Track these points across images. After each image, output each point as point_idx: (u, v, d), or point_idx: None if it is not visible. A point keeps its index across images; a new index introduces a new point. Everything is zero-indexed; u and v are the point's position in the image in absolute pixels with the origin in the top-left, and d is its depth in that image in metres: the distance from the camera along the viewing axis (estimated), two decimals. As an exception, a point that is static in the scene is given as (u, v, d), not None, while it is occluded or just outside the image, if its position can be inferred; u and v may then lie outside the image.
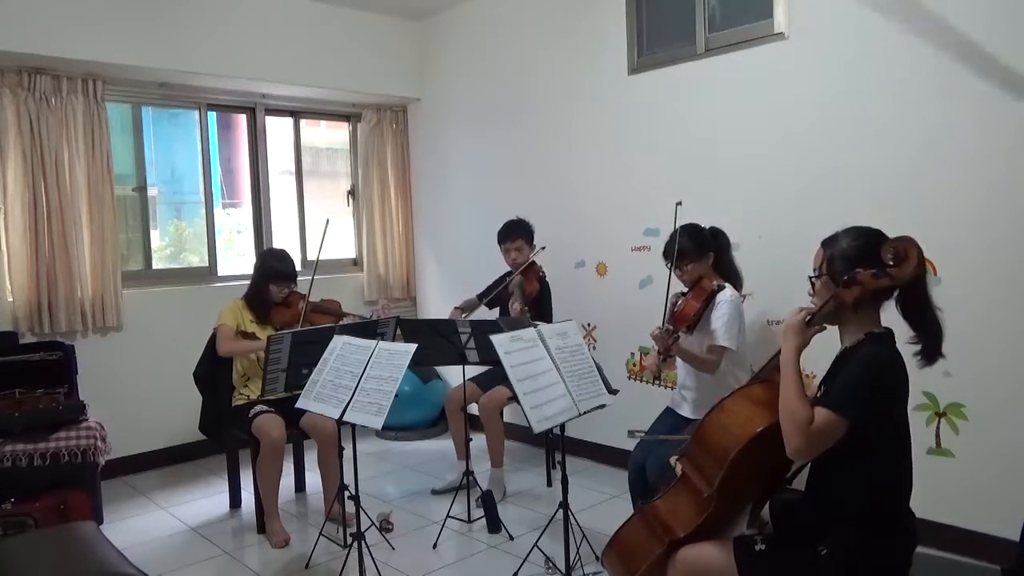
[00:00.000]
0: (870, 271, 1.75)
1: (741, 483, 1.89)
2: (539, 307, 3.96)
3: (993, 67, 2.83)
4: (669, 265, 3.04)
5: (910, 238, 1.74)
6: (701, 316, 2.89)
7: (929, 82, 2.99)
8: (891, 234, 1.81)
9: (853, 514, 1.78)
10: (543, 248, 4.00)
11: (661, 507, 2.01)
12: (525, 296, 3.90)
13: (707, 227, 3.13)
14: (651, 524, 2.01)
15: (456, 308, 4.20)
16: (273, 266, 3.64)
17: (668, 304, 2.94)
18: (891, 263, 1.74)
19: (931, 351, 1.82)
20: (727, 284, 3.01)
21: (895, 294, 1.83)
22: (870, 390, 1.72)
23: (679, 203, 2.96)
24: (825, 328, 1.89)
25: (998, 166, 2.84)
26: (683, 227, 3.05)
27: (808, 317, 1.85)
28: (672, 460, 2.07)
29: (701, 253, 3.02)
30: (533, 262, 4.02)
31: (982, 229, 2.89)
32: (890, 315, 1.86)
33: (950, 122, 2.94)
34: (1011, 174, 2.81)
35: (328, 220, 3.88)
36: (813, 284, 1.94)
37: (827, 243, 1.92)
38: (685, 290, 3.00)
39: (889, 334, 1.83)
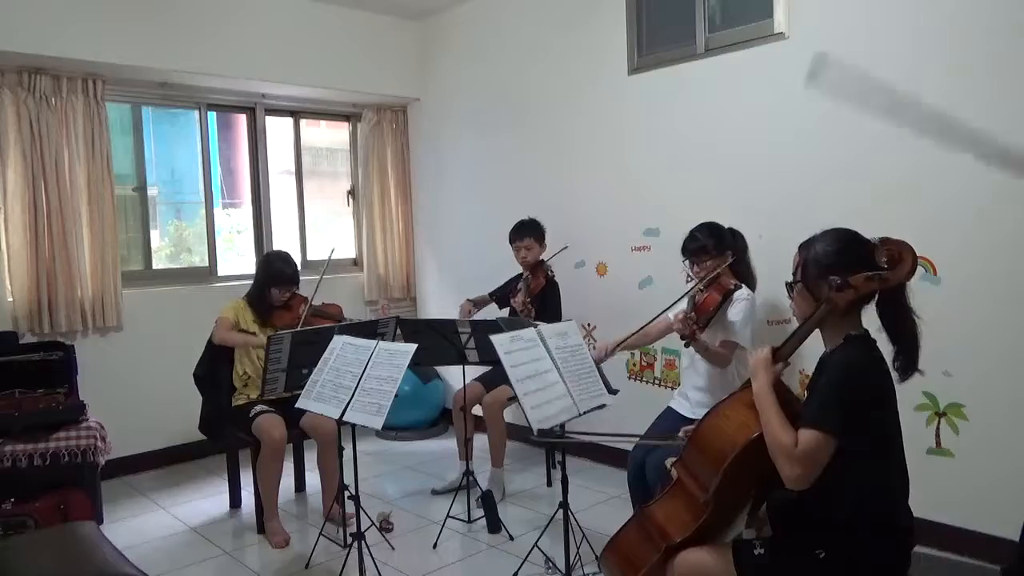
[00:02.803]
0: (864, 275, 1.74)
1: (737, 488, 1.88)
2: (543, 302, 3.98)
3: (995, 67, 2.83)
4: (685, 261, 3.05)
5: (903, 241, 1.74)
6: (717, 312, 2.89)
7: (929, 82, 2.99)
8: (891, 234, 1.80)
9: (848, 516, 1.78)
10: (565, 248, 4.02)
11: (657, 512, 2.00)
12: (530, 289, 3.94)
13: (727, 228, 3.14)
14: (647, 529, 2.00)
15: (468, 300, 4.21)
16: (277, 268, 3.64)
17: (689, 295, 2.96)
18: (886, 266, 1.73)
19: (907, 363, 1.80)
20: (743, 284, 3.02)
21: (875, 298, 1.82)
22: (845, 397, 1.71)
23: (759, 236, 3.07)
24: (790, 363, 1.91)
25: (999, 166, 2.84)
26: (703, 225, 3.07)
27: (773, 351, 1.88)
28: (668, 463, 2.06)
29: (721, 251, 3.03)
30: (542, 261, 4.05)
31: (982, 229, 2.89)
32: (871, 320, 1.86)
33: (951, 122, 2.94)
34: (1011, 174, 2.81)
35: (333, 249, 4.09)
36: (791, 289, 1.93)
37: (803, 247, 1.91)
38: (703, 287, 3.01)
39: (866, 336, 1.82)
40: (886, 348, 1.83)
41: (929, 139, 2.99)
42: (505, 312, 4.19)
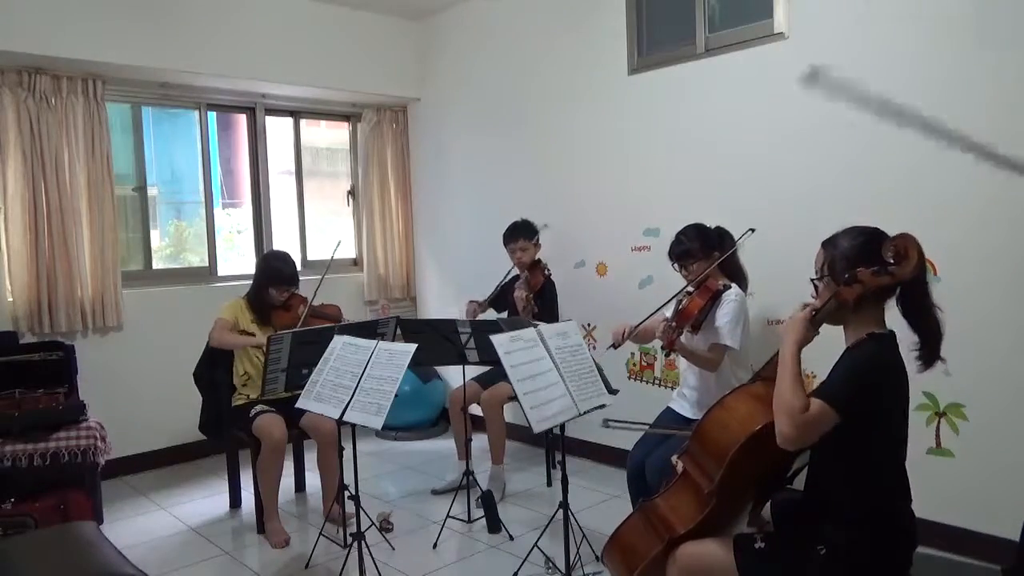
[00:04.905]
0: (871, 269, 1.75)
1: (741, 480, 1.89)
2: (542, 299, 3.99)
3: (994, 66, 2.83)
4: (674, 265, 3.05)
5: (910, 236, 1.74)
6: (706, 315, 2.89)
7: (929, 82, 2.99)
8: (891, 234, 1.80)
9: (851, 514, 1.78)
10: (545, 226, 4.09)
11: (662, 504, 2.01)
12: (531, 286, 3.97)
13: (713, 227, 3.14)
14: (652, 521, 2.01)
15: (473, 301, 4.18)
16: (275, 268, 3.63)
17: (676, 301, 2.95)
18: (892, 261, 1.74)
19: (930, 354, 1.82)
20: (732, 284, 3.02)
21: (896, 294, 1.83)
22: (856, 385, 1.73)
23: (751, 230, 3.04)
24: (820, 333, 1.88)
25: (998, 167, 2.84)
26: (689, 227, 3.07)
27: (813, 313, 1.85)
28: (673, 458, 2.07)
29: (707, 253, 3.03)
30: (539, 260, 4.06)
31: (982, 229, 2.89)
32: (893, 317, 1.86)
33: (951, 122, 2.94)
34: (1012, 174, 2.81)
35: (340, 241, 4.14)
36: (816, 287, 1.94)
37: (827, 244, 1.92)
38: (691, 289, 3.00)
39: (891, 336, 1.83)
40: (908, 339, 1.83)
41: (930, 138, 2.99)
42: (501, 316, 4.19)
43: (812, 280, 1.95)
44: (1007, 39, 2.79)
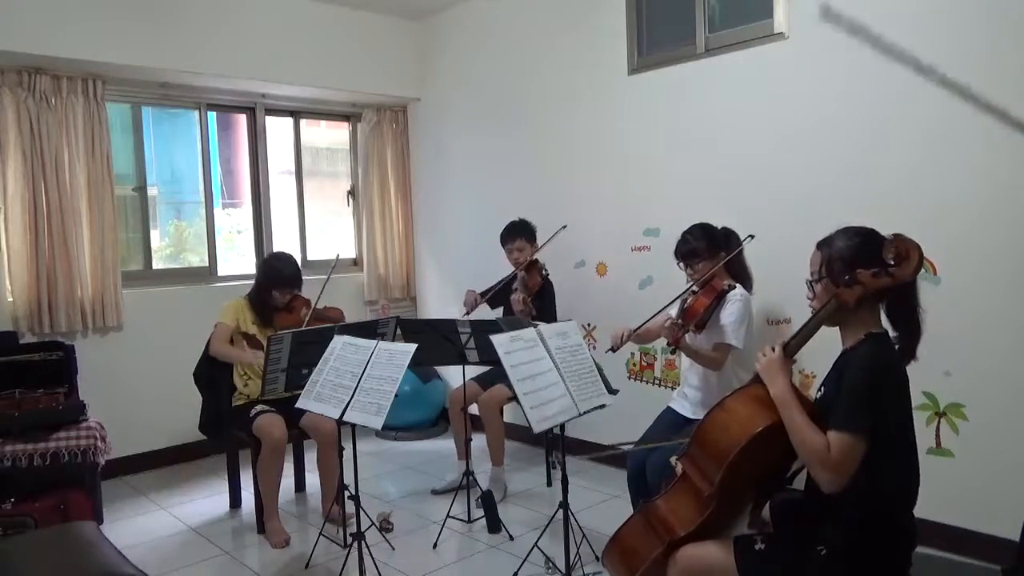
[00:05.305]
0: (871, 271, 1.75)
1: (741, 482, 1.89)
2: (541, 301, 3.99)
3: (994, 67, 2.83)
4: (680, 264, 3.05)
5: (910, 238, 1.74)
6: (711, 314, 2.89)
7: (929, 82, 2.99)
8: (886, 234, 1.80)
9: (852, 515, 1.78)
10: (564, 227, 4.07)
11: (662, 506, 2.01)
12: (528, 288, 3.96)
13: (720, 228, 3.14)
14: (652, 523, 2.01)
15: (472, 291, 4.19)
16: (277, 270, 3.63)
17: (681, 299, 2.95)
18: (893, 263, 1.74)
19: (910, 352, 1.83)
20: (737, 284, 3.02)
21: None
22: (872, 396, 1.71)
23: (751, 236, 3.06)
24: (796, 360, 1.90)
25: (999, 166, 2.84)
26: (695, 226, 3.08)
27: (784, 347, 1.87)
28: (673, 460, 2.07)
29: (713, 252, 3.03)
30: (536, 260, 4.06)
31: (983, 229, 2.89)
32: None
33: (950, 122, 2.94)
34: (1012, 174, 2.81)
35: (338, 255, 4.20)
36: (812, 287, 1.93)
37: (822, 245, 1.91)
38: (696, 288, 3.01)
39: (886, 334, 1.83)
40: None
41: (929, 138, 2.99)
42: (496, 313, 4.18)
43: (808, 281, 1.95)
44: (1011, 40, 2.79)
